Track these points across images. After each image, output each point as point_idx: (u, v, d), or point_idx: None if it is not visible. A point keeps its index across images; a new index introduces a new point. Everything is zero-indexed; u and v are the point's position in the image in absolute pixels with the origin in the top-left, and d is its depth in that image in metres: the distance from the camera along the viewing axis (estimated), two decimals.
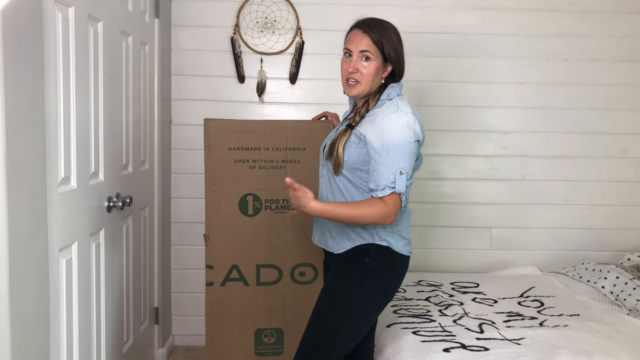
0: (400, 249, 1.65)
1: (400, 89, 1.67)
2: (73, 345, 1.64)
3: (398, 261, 1.66)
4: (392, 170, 1.51)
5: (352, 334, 1.65)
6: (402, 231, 1.67)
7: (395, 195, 1.52)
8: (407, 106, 1.59)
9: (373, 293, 1.63)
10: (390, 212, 1.52)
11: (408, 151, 1.53)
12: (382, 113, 1.57)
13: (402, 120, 1.54)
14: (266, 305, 2.18)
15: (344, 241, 1.65)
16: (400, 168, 1.51)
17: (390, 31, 1.64)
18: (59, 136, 1.52)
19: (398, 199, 1.53)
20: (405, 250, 1.67)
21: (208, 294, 2.14)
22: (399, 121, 1.54)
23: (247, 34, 2.76)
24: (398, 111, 1.55)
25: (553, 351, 1.78)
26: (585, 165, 2.89)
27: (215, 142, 2.09)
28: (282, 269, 2.18)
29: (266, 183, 2.12)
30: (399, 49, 1.64)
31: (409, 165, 1.54)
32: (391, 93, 1.64)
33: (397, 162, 1.52)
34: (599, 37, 2.83)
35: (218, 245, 2.13)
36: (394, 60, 1.63)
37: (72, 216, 1.60)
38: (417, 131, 1.56)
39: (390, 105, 1.59)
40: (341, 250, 1.66)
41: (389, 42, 1.62)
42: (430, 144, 2.84)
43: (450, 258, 2.91)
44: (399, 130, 1.53)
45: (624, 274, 2.46)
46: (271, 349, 2.21)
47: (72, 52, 1.58)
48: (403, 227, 1.67)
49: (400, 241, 1.65)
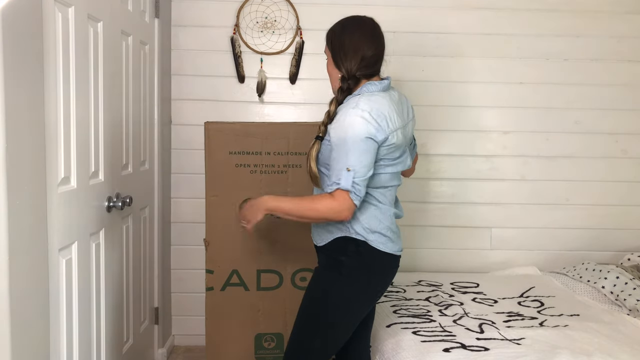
0: (379, 246, 1.61)
1: (381, 87, 1.62)
2: (73, 345, 1.64)
3: (379, 259, 1.62)
4: (340, 166, 1.50)
5: (333, 333, 1.66)
6: (382, 229, 1.62)
7: (342, 192, 1.50)
8: (367, 103, 1.53)
9: (349, 292, 1.62)
10: (340, 208, 1.50)
11: (358, 148, 1.49)
12: (342, 110, 1.57)
13: (355, 118, 1.51)
14: (266, 310, 2.17)
15: (324, 233, 1.66)
16: (347, 165, 1.49)
17: (343, 24, 1.66)
18: (59, 136, 1.52)
19: (346, 196, 1.50)
20: (388, 249, 1.62)
21: (208, 298, 2.13)
22: (351, 118, 1.51)
23: (247, 34, 2.76)
24: (355, 108, 1.53)
25: (553, 351, 1.78)
26: (585, 165, 2.89)
27: (215, 146, 2.07)
28: (283, 274, 2.16)
29: (267, 188, 2.09)
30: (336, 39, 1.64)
31: (360, 163, 1.49)
32: (362, 89, 1.62)
33: (346, 159, 1.49)
34: (599, 37, 2.83)
35: (218, 250, 2.11)
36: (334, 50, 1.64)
37: (72, 216, 1.60)
38: (371, 130, 1.50)
39: (351, 101, 1.56)
40: (323, 243, 1.67)
41: (332, 33, 1.67)
42: (430, 144, 2.84)
43: (450, 258, 2.91)
44: (351, 128, 1.50)
45: (624, 274, 2.46)
46: (271, 354, 2.20)
47: (72, 52, 1.58)
48: (383, 226, 1.62)
49: (380, 238, 1.61)
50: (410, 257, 2.85)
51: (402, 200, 2.77)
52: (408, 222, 2.84)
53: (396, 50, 2.79)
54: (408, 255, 2.84)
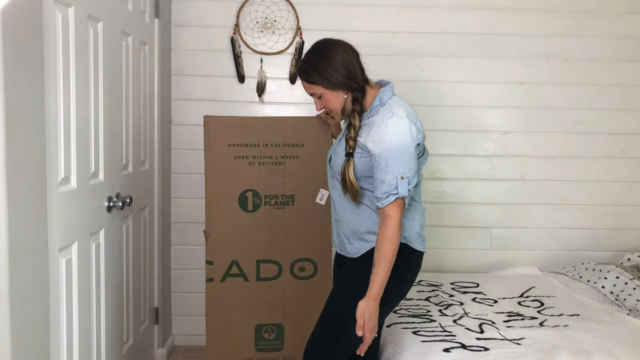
0: (416, 245, 1.68)
1: (392, 90, 1.68)
2: (73, 345, 1.64)
3: (413, 258, 1.68)
4: (393, 176, 1.54)
5: None
6: (418, 228, 1.69)
7: (399, 200, 1.55)
8: (401, 109, 1.59)
9: (390, 292, 1.61)
10: (398, 219, 1.54)
11: (407, 156, 1.55)
12: (378, 120, 1.59)
13: (399, 126, 1.55)
14: (266, 300, 2.19)
15: (361, 244, 1.70)
16: (400, 174, 1.54)
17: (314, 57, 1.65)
18: (59, 136, 1.52)
19: (402, 203, 1.56)
20: (421, 247, 1.70)
21: (208, 289, 2.15)
22: (395, 127, 1.55)
23: (247, 34, 2.76)
24: (393, 116, 1.57)
25: (553, 351, 1.78)
26: (585, 165, 2.89)
27: (214, 139, 2.11)
28: (282, 264, 2.18)
29: (265, 179, 2.14)
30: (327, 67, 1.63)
31: (410, 169, 1.55)
32: (383, 98, 1.65)
33: (397, 168, 1.54)
34: (599, 37, 2.83)
35: (218, 241, 2.14)
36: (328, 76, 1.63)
37: (72, 216, 1.60)
38: (414, 134, 1.57)
39: (385, 111, 1.60)
40: (359, 254, 1.70)
41: (313, 66, 1.64)
42: (430, 144, 2.82)
43: (450, 258, 2.91)
44: (396, 136, 1.54)
45: (624, 274, 2.46)
46: (271, 345, 2.21)
47: (72, 52, 1.58)
48: (419, 224, 1.69)
49: (417, 238, 1.69)
50: None
51: None
52: None
53: (396, 50, 2.79)
54: None
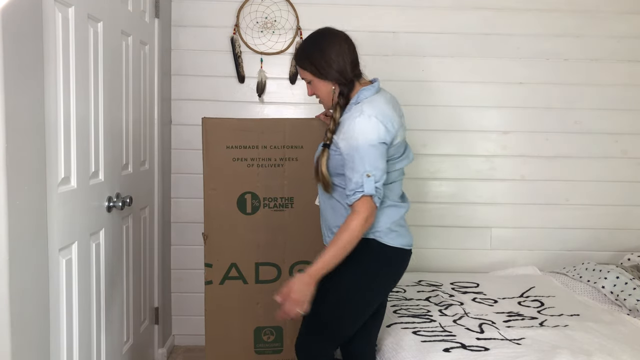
0: (389, 241, 1.67)
1: (375, 90, 1.68)
2: (73, 345, 1.65)
3: (387, 253, 1.68)
4: (360, 174, 1.56)
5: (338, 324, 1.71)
6: (390, 223, 1.68)
7: (366, 198, 1.56)
8: (372, 109, 1.60)
9: (357, 285, 1.66)
10: (366, 215, 1.56)
11: (373, 154, 1.56)
12: (348, 118, 1.62)
13: (365, 125, 1.57)
14: (265, 303, 2.18)
15: None
16: (366, 172, 1.55)
17: (309, 46, 1.70)
18: (59, 136, 1.52)
19: (370, 201, 1.57)
20: (397, 243, 1.69)
21: (207, 292, 2.15)
22: (361, 125, 1.57)
23: (247, 34, 2.76)
24: (361, 115, 1.59)
25: (553, 351, 1.78)
26: (585, 165, 2.89)
27: (213, 141, 2.10)
28: (281, 266, 2.18)
29: (264, 181, 2.13)
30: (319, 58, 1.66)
31: (376, 168, 1.56)
32: (360, 96, 1.67)
33: (363, 166, 1.56)
34: (599, 37, 2.83)
35: (217, 244, 2.14)
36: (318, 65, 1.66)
37: (72, 216, 1.60)
38: (381, 134, 1.57)
39: (356, 109, 1.62)
40: None
41: (305, 53, 1.69)
42: (430, 144, 2.83)
43: (450, 258, 2.91)
44: (362, 135, 1.56)
45: (624, 274, 2.46)
46: (271, 347, 2.21)
47: (72, 52, 1.58)
48: (390, 220, 1.68)
49: (390, 233, 1.68)
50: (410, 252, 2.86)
51: None
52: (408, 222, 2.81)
53: (396, 50, 2.79)
54: None
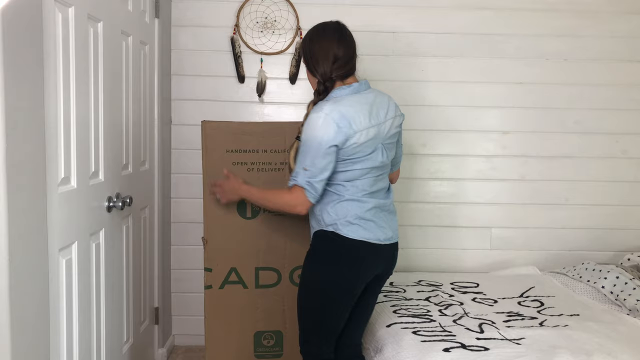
0: (348, 233, 1.69)
1: (351, 91, 1.71)
2: (73, 345, 1.65)
3: (348, 245, 1.70)
4: (300, 166, 1.65)
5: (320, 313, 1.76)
6: (351, 217, 1.70)
7: (298, 188, 1.65)
8: (331, 108, 1.63)
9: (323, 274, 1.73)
10: (294, 203, 1.66)
11: (314, 151, 1.62)
12: (311, 113, 1.68)
13: (318, 121, 1.62)
14: (265, 308, 2.17)
15: (310, 230, 1.82)
16: (304, 165, 1.63)
17: (303, 42, 1.79)
18: (59, 136, 1.52)
19: (302, 192, 1.64)
20: (358, 236, 1.70)
21: (207, 297, 2.13)
22: (314, 122, 1.63)
23: (247, 34, 2.76)
24: (319, 112, 1.64)
25: (553, 351, 1.78)
26: (585, 165, 2.88)
27: (212, 145, 2.08)
28: (281, 271, 2.17)
29: (265, 185, 2.09)
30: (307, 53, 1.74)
31: (314, 165, 1.62)
32: (331, 94, 1.72)
33: (304, 159, 1.64)
34: (599, 37, 2.83)
35: (216, 248, 2.12)
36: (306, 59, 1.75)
37: (72, 216, 1.61)
38: (330, 133, 1.60)
39: (317, 106, 1.67)
40: (311, 238, 1.81)
41: (302, 44, 1.78)
42: (430, 144, 2.83)
43: (450, 258, 2.90)
44: (311, 131, 1.63)
45: (624, 274, 2.46)
46: (270, 352, 2.20)
47: (72, 52, 1.58)
48: (352, 214, 1.70)
49: (349, 226, 1.69)
50: (410, 257, 2.86)
51: (403, 201, 2.81)
52: (408, 222, 2.85)
53: (396, 50, 2.79)
54: (408, 255, 2.85)
